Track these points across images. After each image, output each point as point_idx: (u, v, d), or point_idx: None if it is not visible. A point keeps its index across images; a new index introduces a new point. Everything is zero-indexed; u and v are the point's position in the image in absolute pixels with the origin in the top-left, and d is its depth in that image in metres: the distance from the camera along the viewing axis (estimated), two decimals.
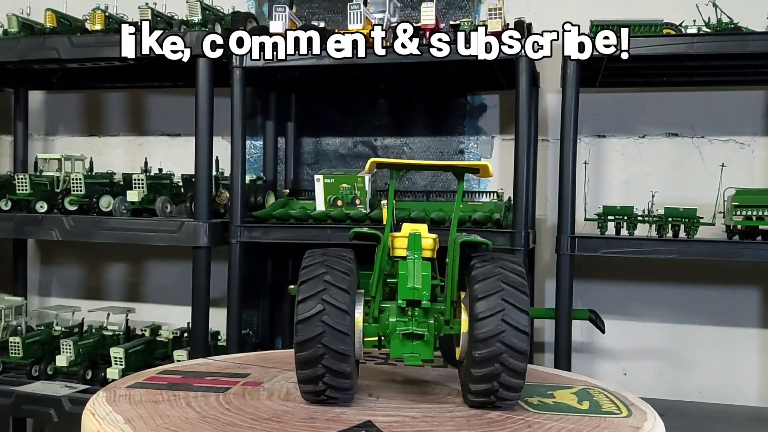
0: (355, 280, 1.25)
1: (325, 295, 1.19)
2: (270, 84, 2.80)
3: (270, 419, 1.18)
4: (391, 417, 1.21)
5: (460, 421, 1.20)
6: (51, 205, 2.58)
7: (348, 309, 1.20)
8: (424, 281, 1.25)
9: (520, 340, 1.19)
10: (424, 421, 1.19)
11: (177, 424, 1.14)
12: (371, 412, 1.24)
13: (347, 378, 1.22)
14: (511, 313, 1.20)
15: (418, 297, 1.25)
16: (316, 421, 1.18)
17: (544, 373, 1.61)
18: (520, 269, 1.25)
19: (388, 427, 1.15)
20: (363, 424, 1.16)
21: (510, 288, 1.21)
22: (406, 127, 2.83)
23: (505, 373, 1.20)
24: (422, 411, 1.25)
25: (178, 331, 2.74)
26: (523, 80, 2.13)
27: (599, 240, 2.18)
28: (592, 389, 1.43)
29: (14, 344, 2.62)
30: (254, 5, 2.95)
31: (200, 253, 2.38)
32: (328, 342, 1.18)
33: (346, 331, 1.19)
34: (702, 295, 2.59)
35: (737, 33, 2.16)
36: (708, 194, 2.31)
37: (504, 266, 1.24)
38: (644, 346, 2.65)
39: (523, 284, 1.23)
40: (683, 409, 2.33)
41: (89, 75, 2.82)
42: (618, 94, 2.65)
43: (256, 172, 2.83)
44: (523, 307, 1.21)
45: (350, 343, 1.20)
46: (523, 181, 2.16)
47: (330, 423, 1.16)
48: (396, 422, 1.18)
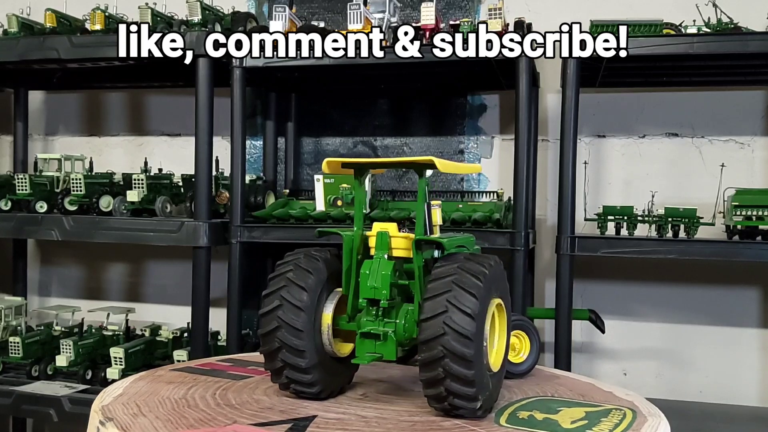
0: (323, 279, 1.28)
1: (284, 291, 1.25)
2: (270, 84, 2.80)
3: (234, 406, 1.26)
4: (342, 415, 1.23)
5: (406, 425, 1.18)
6: (51, 205, 2.58)
7: (303, 306, 1.24)
8: (383, 280, 1.25)
9: (462, 345, 1.13)
10: (368, 423, 1.19)
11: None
12: (330, 407, 1.27)
13: (306, 373, 1.25)
14: (454, 316, 1.14)
15: (377, 296, 1.25)
16: (270, 411, 1.24)
17: (594, 389, 1.47)
18: (481, 270, 1.18)
19: (325, 423, 1.17)
20: (303, 418, 1.20)
21: (459, 289, 1.15)
22: (406, 127, 2.83)
23: (449, 379, 1.15)
24: (383, 413, 1.25)
25: (178, 331, 2.74)
26: (523, 80, 2.13)
27: (599, 240, 2.18)
28: (618, 412, 1.28)
29: (14, 344, 2.62)
30: (254, 5, 2.95)
31: (200, 253, 2.38)
32: (283, 337, 1.23)
33: (300, 328, 1.23)
34: (702, 295, 2.59)
35: (737, 33, 2.16)
36: (708, 194, 2.31)
37: (464, 266, 1.19)
38: (644, 346, 2.65)
39: (477, 286, 1.16)
40: (683, 409, 2.34)
41: (89, 75, 2.83)
42: (618, 94, 2.65)
43: (256, 172, 2.83)
44: (468, 310, 1.14)
45: (306, 339, 1.24)
46: (523, 181, 2.16)
47: (277, 413, 1.22)
48: (337, 420, 1.20)
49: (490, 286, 1.20)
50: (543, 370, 1.63)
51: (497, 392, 1.28)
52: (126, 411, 1.22)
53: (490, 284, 1.20)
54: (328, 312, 1.28)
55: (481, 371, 1.18)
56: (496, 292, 1.24)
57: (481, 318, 1.16)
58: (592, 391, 1.45)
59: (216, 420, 1.18)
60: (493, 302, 1.22)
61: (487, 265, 1.21)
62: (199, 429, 1.14)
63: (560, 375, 1.60)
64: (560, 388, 1.46)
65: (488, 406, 1.22)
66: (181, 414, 1.21)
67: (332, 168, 1.32)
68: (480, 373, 1.17)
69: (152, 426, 1.14)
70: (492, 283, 1.21)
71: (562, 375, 1.60)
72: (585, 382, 1.54)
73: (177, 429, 1.14)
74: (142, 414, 1.21)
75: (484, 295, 1.17)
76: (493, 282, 1.22)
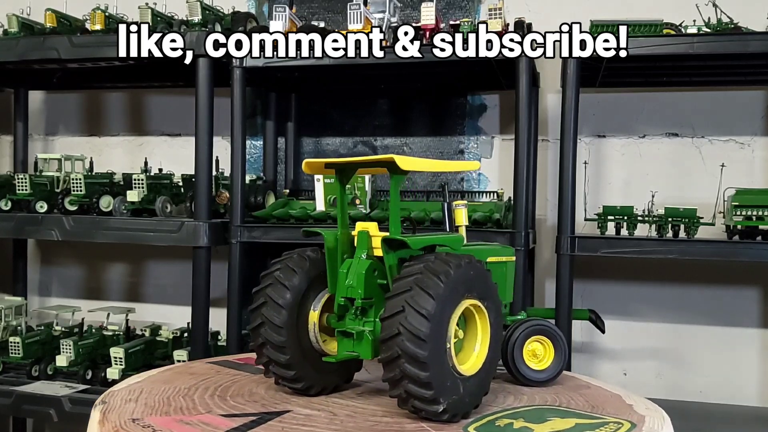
0: (311, 278, 1.32)
1: (269, 289, 1.30)
2: (270, 84, 2.80)
3: (225, 397, 1.34)
4: (316, 411, 1.26)
5: (369, 425, 1.19)
6: (51, 205, 2.58)
7: (285, 304, 1.28)
8: (359, 279, 1.26)
9: (417, 347, 1.12)
10: (332, 420, 1.22)
11: None
12: (312, 403, 1.31)
13: (288, 369, 1.30)
14: (409, 317, 1.13)
15: (353, 295, 1.27)
16: (253, 404, 1.30)
17: (614, 401, 1.40)
18: (445, 270, 1.16)
19: (291, 418, 1.22)
20: (275, 412, 1.25)
21: (419, 290, 1.14)
22: (406, 127, 2.83)
23: (407, 380, 1.14)
24: (358, 411, 1.27)
25: (178, 331, 2.74)
26: (523, 80, 2.13)
27: (599, 240, 2.18)
28: (613, 425, 1.23)
29: (14, 344, 2.62)
30: (254, 5, 2.95)
31: (200, 253, 2.38)
32: (266, 333, 1.29)
33: (281, 325, 1.28)
34: (702, 295, 2.59)
35: (737, 33, 2.16)
36: (708, 194, 2.31)
37: (429, 266, 1.17)
38: (644, 346, 2.65)
39: (437, 287, 1.14)
40: (683, 409, 2.33)
41: (89, 75, 2.83)
42: (618, 94, 2.65)
43: (256, 172, 2.83)
44: (424, 311, 1.12)
45: (287, 335, 1.28)
46: (523, 181, 2.16)
47: (257, 407, 1.29)
48: (306, 416, 1.24)
49: (456, 287, 1.18)
50: (576, 379, 1.58)
51: (476, 397, 1.24)
52: (125, 396, 1.32)
53: (458, 285, 1.18)
54: (316, 310, 1.32)
55: (442, 374, 1.16)
56: (470, 293, 1.21)
57: (439, 319, 1.15)
58: (611, 402, 1.39)
59: (195, 409, 1.26)
60: (462, 303, 1.20)
61: (455, 265, 1.18)
62: (170, 416, 1.22)
63: (592, 384, 1.54)
64: (578, 397, 1.41)
65: (459, 411, 1.20)
66: (168, 402, 1.29)
67: (312, 169, 1.36)
68: (440, 376, 1.15)
69: (133, 411, 1.24)
70: (461, 283, 1.19)
71: (594, 384, 1.54)
72: (613, 393, 1.46)
73: (150, 414, 1.22)
74: (134, 400, 1.30)
75: (446, 296, 1.16)
76: (463, 283, 1.19)
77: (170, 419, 1.20)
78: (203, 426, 1.17)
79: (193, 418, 1.20)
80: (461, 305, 1.20)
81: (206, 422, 1.19)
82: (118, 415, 1.22)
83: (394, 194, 1.29)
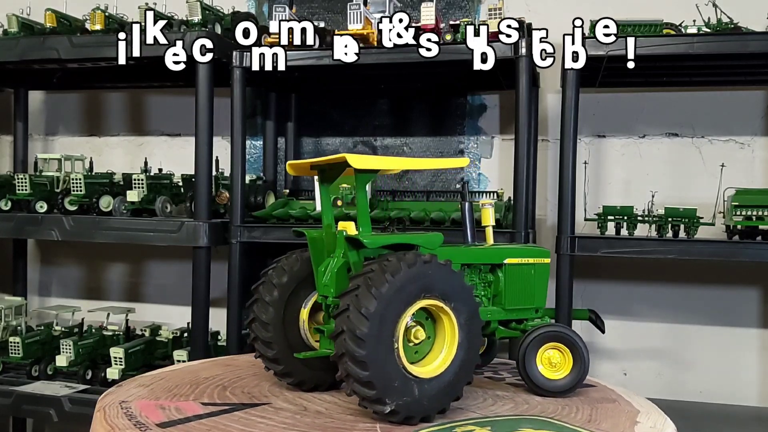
0: (302, 276, 1.36)
1: (261, 287, 1.37)
2: (270, 84, 2.80)
3: (225, 385, 1.42)
4: (291, 405, 1.31)
5: (319, 422, 1.21)
6: (51, 205, 2.58)
7: (271, 302, 1.34)
8: (331, 278, 1.28)
9: (356, 345, 1.12)
10: (295, 414, 1.26)
11: None
12: (296, 398, 1.35)
13: (276, 363, 1.36)
14: (351, 316, 1.13)
15: (326, 293, 1.30)
16: (241, 396, 1.37)
17: (621, 416, 1.31)
18: (396, 268, 1.15)
19: (262, 410, 1.27)
20: (251, 404, 1.31)
21: (364, 289, 1.14)
22: (406, 127, 2.83)
23: (352, 379, 1.14)
24: (328, 407, 1.30)
25: (178, 331, 2.74)
26: (523, 80, 2.13)
27: (599, 240, 2.18)
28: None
29: (14, 344, 2.62)
30: (254, 5, 2.95)
31: (200, 253, 2.37)
32: (256, 329, 1.36)
33: (267, 321, 1.34)
34: (702, 295, 2.59)
35: (737, 33, 2.16)
36: (708, 194, 2.31)
37: (382, 264, 1.17)
38: (644, 346, 2.65)
39: (382, 285, 1.14)
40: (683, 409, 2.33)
41: (89, 75, 2.83)
42: (618, 94, 2.65)
43: (256, 172, 2.83)
44: (363, 311, 1.12)
45: (273, 331, 1.34)
46: (523, 181, 2.16)
47: (243, 398, 1.35)
48: (276, 409, 1.28)
49: (406, 287, 1.16)
50: (607, 392, 1.46)
51: (439, 401, 1.21)
52: (146, 381, 1.45)
53: (408, 285, 1.16)
54: (305, 308, 1.37)
55: (387, 374, 1.15)
56: (429, 293, 1.19)
57: (383, 319, 1.14)
58: (616, 415, 1.30)
59: (185, 396, 1.35)
60: (417, 304, 1.18)
61: (407, 264, 1.17)
62: (157, 400, 1.31)
63: (615, 398, 1.43)
64: (585, 408, 1.33)
65: (414, 414, 1.18)
66: (170, 390, 1.39)
67: (296, 170, 1.40)
68: (384, 376, 1.14)
69: (133, 394, 1.35)
70: (413, 283, 1.17)
71: (618, 397, 1.43)
72: (632, 409, 1.35)
73: (143, 398, 1.32)
74: (147, 385, 1.41)
75: (393, 295, 1.15)
76: (416, 282, 1.17)
77: (152, 403, 1.29)
78: (172, 411, 1.25)
79: (172, 404, 1.29)
80: (415, 305, 1.18)
81: (179, 408, 1.27)
82: (117, 396, 1.33)
83: (360, 193, 1.30)
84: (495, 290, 1.49)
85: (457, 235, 2.19)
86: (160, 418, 1.21)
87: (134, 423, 1.18)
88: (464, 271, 1.44)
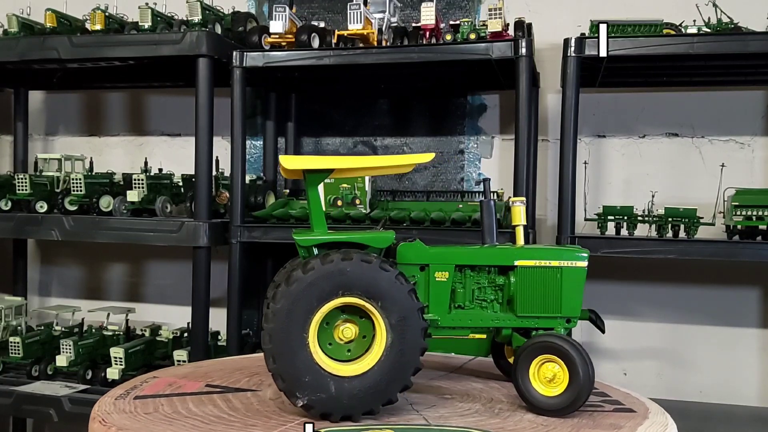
0: None
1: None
2: (270, 84, 2.80)
3: (252, 377, 1.52)
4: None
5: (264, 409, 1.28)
6: (51, 205, 2.58)
7: None
8: None
9: (266, 340, 1.20)
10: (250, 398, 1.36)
11: None
12: None
13: None
14: (265, 311, 1.21)
15: None
16: (251, 379, 1.48)
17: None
18: (310, 267, 1.17)
19: (236, 396, 1.37)
20: (236, 389, 1.41)
21: (279, 285, 1.20)
22: (406, 127, 2.83)
23: (270, 371, 1.21)
24: None
25: (178, 331, 2.74)
26: (523, 80, 2.13)
27: (599, 240, 2.18)
28: None
29: (14, 344, 2.62)
30: (254, 5, 2.95)
31: (200, 253, 2.37)
32: None
33: None
34: (702, 295, 2.59)
35: (737, 33, 2.16)
36: (708, 194, 2.31)
37: (300, 263, 1.20)
38: (644, 346, 2.65)
39: (292, 282, 1.17)
40: (683, 409, 2.33)
41: (89, 75, 2.83)
42: (618, 94, 2.65)
43: (256, 172, 2.83)
44: (272, 307, 1.19)
45: None
46: (523, 181, 2.16)
47: (242, 381, 1.47)
48: (246, 394, 1.37)
49: (318, 284, 1.17)
50: (618, 418, 1.28)
51: (365, 401, 1.20)
52: (165, 373, 1.56)
53: (322, 282, 1.17)
54: None
55: (297, 369, 1.17)
56: (348, 291, 1.19)
57: (291, 315, 1.17)
58: None
59: (201, 378, 1.48)
60: (334, 302, 1.19)
61: (321, 262, 1.18)
62: (175, 378, 1.46)
63: (623, 425, 1.23)
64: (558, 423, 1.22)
65: (332, 411, 1.19)
66: (197, 376, 1.51)
67: (288, 174, 1.38)
68: (293, 371, 1.17)
69: (146, 384, 1.45)
70: (328, 281, 1.18)
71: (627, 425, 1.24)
72: (611, 421, 1.25)
73: (143, 391, 1.40)
74: (160, 377, 1.52)
75: (302, 292, 1.17)
76: (332, 280, 1.18)
77: (164, 381, 1.45)
78: (170, 386, 1.41)
79: (181, 382, 1.44)
80: (331, 303, 1.20)
81: (179, 385, 1.43)
82: (147, 380, 1.48)
83: (312, 192, 1.29)
84: (507, 295, 1.39)
85: (458, 235, 2.20)
86: (154, 390, 1.38)
87: (125, 391, 1.38)
88: (461, 274, 1.38)
